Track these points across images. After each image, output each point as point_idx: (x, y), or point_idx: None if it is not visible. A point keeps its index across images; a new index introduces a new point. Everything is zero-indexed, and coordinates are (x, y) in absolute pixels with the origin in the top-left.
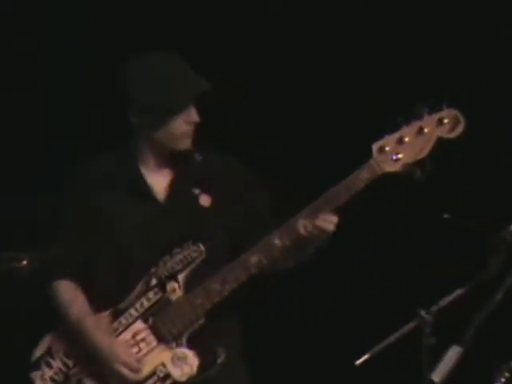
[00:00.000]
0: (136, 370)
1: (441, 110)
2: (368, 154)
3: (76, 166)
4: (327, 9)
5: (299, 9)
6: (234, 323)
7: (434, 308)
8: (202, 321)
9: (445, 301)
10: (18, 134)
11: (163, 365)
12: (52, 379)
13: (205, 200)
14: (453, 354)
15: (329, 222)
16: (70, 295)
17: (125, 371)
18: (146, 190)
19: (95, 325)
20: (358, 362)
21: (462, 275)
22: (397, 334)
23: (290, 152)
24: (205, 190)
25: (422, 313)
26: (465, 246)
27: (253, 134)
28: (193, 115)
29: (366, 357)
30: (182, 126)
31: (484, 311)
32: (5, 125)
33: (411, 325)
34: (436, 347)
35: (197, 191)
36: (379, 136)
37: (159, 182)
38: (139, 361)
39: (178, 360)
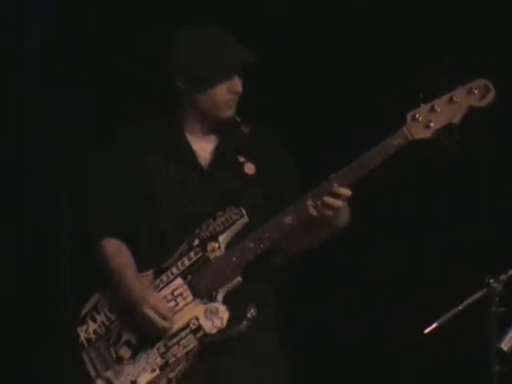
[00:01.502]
0: (165, 317)
1: (473, 81)
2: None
3: (127, 127)
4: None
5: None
6: (268, 290)
7: (503, 276)
8: (238, 279)
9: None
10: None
11: (196, 318)
12: (95, 332)
13: (249, 168)
14: None
15: (341, 195)
16: (114, 250)
17: (154, 315)
18: (191, 156)
19: (134, 276)
20: (427, 330)
21: None
22: (465, 303)
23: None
24: (250, 159)
25: (491, 281)
26: None
27: None
28: (236, 85)
29: (434, 325)
30: (225, 95)
31: None
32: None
33: (480, 293)
34: (505, 316)
35: (242, 159)
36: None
37: (204, 148)
38: (174, 313)
39: (210, 314)
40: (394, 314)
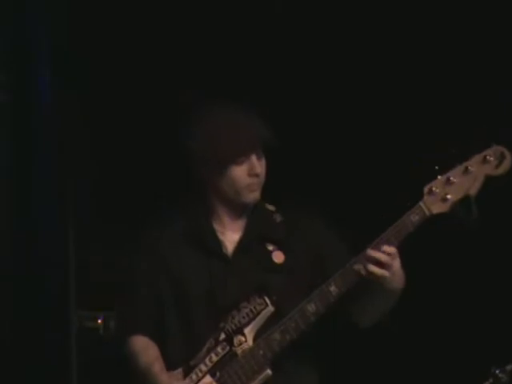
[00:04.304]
0: None
1: (487, 148)
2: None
3: (150, 222)
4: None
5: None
6: (306, 372)
7: (509, 367)
8: (266, 372)
9: None
10: None
11: None
12: None
13: (278, 256)
14: None
15: (386, 253)
16: (141, 346)
17: None
18: (216, 247)
19: (161, 369)
20: None
21: None
22: None
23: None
24: (280, 247)
25: (497, 371)
26: None
27: None
28: (253, 167)
29: None
30: (244, 178)
31: None
32: None
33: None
34: None
35: (271, 247)
36: (430, 179)
37: (231, 237)
38: None
39: None
40: None
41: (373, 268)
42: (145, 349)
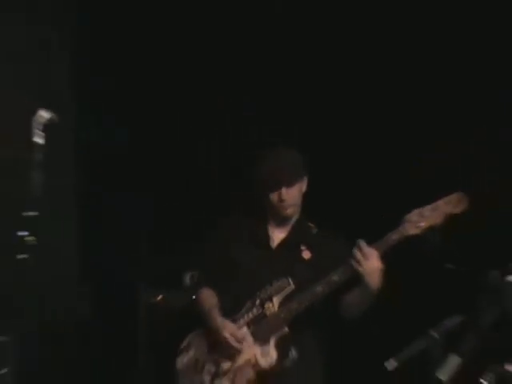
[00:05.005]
0: (239, 340)
1: (451, 193)
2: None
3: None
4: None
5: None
6: (311, 335)
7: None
8: (285, 330)
9: (447, 324)
10: None
11: (255, 356)
12: (188, 362)
13: (306, 254)
14: (452, 359)
15: (366, 257)
16: (208, 294)
17: (231, 338)
18: (265, 240)
19: (218, 313)
20: (389, 364)
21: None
22: (413, 346)
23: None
24: (309, 248)
25: (432, 331)
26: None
27: None
28: (278, 196)
29: (393, 363)
30: (277, 202)
31: (476, 329)
32: None
33: (424, 339)
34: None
35: (303, 247)
36: (409, 210)
37: (277, 235)
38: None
39: (264, 353)
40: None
41: (352, 262)
42: (209, 297)
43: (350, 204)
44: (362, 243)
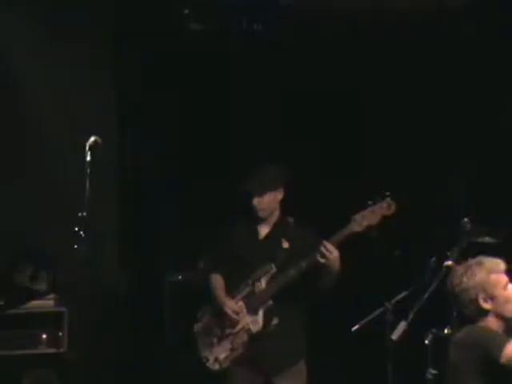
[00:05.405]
0: (236, 313)
1: (383, 200)
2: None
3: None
4: None
5: None
6: (291, 308)
7: (393, 300)
8: (270, 302)
9: (398, 297)
10: None
11: (247, 323)
12: (202, 327)
13: (285, 244)
14: (401, 324)
15: (329, 250)
16: (217, 280)
17: (230, 312)
18: (255, 235)
19: (223, 293)
20: (354, 328)
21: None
22: (372, 315)
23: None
24: (287, 240)
25: (386, 303)
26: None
27: None
28: (253, 203)
29: (357, 326)
30: (254, 208)
31: (418, 302)
32: None
33: (379, 310)
34: (394, 324)
35: (283, 239)
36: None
37: (263, 231)
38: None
39: (254, 321)
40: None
41: (318, 255)
42: (217, 280)
43: (318, 206)
44: (325, 242)
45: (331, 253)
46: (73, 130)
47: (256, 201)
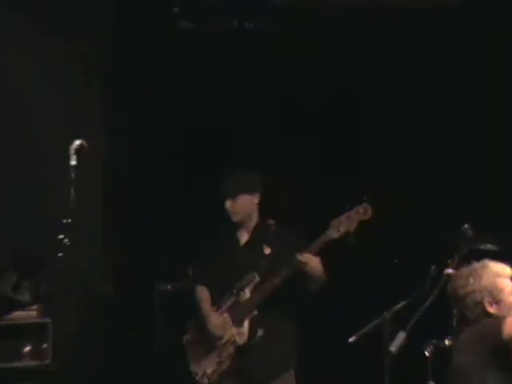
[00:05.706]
0: (220, 328)
1: (360, 205)
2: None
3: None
4: None
5: None
6: (278, 315)
7: (391, 310)
8: (255, 312)
9: (397, 307)
10: None
11: (233, 335)
12: (190, 339)
13: (267, 249)
14: (400, 335)
15: (308, 259)
16: (201, 291)
17: (212, 328)
18: (235, 242)
19: (208, 306)
20: (351, 339)
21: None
22: (370, 325)
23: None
24: (269, 245)
25: (385, 313)
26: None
27: None
28: (225, 206)
29: (354, 337)
30: (227, 211)
31: (418, 312)
32: None
33: (378, 319)
34: (393, 334)
35: (264, 245)
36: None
37: (243, 238)
38: (222, 329)
39: (240, 333)
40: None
41: (299, 264)
42: (202, 293)
43: (317, 207)
44: (303, 252)
45: (310, 261)
46: (66, 132)
47: (228, 204)
